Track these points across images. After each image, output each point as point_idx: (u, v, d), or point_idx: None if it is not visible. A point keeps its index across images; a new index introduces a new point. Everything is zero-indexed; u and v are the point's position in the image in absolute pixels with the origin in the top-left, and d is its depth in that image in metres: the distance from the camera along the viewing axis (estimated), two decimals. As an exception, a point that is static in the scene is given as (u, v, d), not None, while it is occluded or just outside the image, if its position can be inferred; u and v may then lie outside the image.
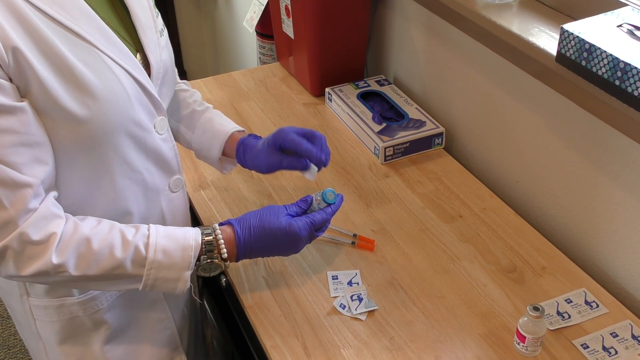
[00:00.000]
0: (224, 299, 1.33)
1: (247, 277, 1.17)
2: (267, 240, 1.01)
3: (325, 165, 1.12)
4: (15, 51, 0.80)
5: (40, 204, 0.87)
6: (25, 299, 1.05)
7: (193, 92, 1.26)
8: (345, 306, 1.11)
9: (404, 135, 1.44)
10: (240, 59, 2.77)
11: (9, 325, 2.31)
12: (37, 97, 0.84)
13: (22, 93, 0.84)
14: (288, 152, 1.14)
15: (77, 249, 0.89)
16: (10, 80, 0.82)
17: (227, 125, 1.21)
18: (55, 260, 0.87)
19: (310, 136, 1.13)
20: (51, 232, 0.87)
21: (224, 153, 1.21)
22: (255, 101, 1.68)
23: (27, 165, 0.84)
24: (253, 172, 1.42)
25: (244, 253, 1.01)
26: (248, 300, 1.13)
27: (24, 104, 0.83)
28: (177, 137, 1.23)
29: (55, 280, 0.91)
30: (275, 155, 1.13)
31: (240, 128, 1.22)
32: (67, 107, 0.85)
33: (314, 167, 1.13)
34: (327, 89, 1.63)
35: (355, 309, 1.10)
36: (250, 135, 1.21)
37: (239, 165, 1.23)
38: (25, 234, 0.85)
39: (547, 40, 1.12)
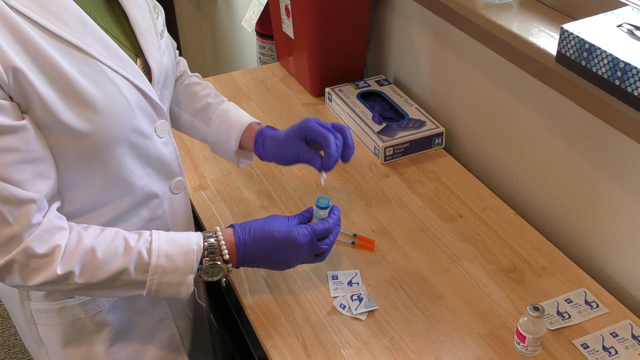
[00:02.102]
0: (224, 299, 1.33)
1: (247, 277, 1.17)
2: (265, 243, 1.00)
3: (345, 160, 1.09)
4: (15, 71, 0.80)
5: (43, 217, 0.88)
6: (27, 304, 1.05)
7: (206, 84, 1.24)
8: (345, 306, 1.11)
9: (404, 135, 1.44)
10: (240, 59, 2.77)
11: (9, 325, 2.31)
12: (39, 113, 0.84)
13: (23, 109, 0.84)
14: (312, 145, 1.10)
15: (82, 259, 0.90)
16: (11, 98, 0.82)
17: (244, 117, 1.19)
18: (60, 271, 0.89)
19: (337, 130, 1.09)
20: (55, 245, 0.88)
21: (240, 145, 1.18)
22: (255, 101, 1.68)
23: (30, 181, 0.85)
24: (253, 172, 1.42)
25: (243, 255, 1.01)
26: (248, 300, 1.13)
27: (25, 122, 0.83)
28: (192, 131, 1.22)
29: (60, 289, 0.93)
30: (301, 146, 1.09)
31: (256, 120, 1.20)
32: (69, 122, 0.86)
33: (324, 173, 1.09)
34: (327, 89, 1.63)
35: (355, 309, 1.10)
36: (267, 126, 1.18)
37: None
38: (30, 248, 0.87)
39: (547, 40, 1.12)
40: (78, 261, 0.90)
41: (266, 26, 1.91)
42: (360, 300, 1.11)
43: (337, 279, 1.16)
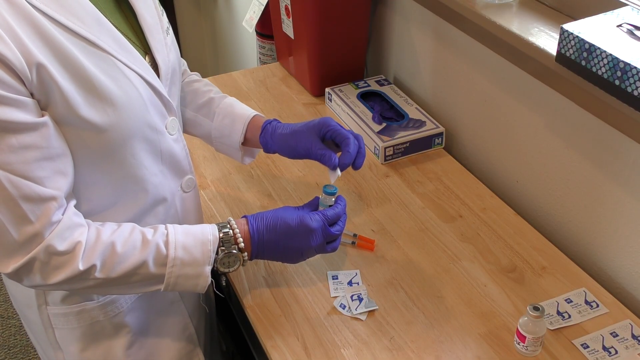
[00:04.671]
0: (224, 298, 1.33)
1: (247, 277, 1.17)
2: (279, 230, 1.01)
3: (356, 168, 1.10)
4: (39, 67, 0.81)
5: (63, 215, 0.88)
6: (44, 309, 1.05)
7: (206, 81, 1.25)
8: (345, 306, 1.11)
9: (404, 135, 1.44)
10: (240, 59, 2.77)
11: (9, 325, 2.31)
12: (59, 109, 0.85)
13: (43, 106, 0.84)
14: (326, 143, 1.12)
15: (103, 254, 0.91)
16: (32, 95, 0.83)
17: (249, 110, 1.20)
18: (82, 267, 0.89)
19: (354, 136, 1.11)
20: (76, 241, 0.89)
21: (245, 137, 1.18)
22: (255, 101, 1.68)
23: (50, 178, 0.86)
24: (253, 172, 1.42)
25: (257, 244, 1.01)
26: (248, 300, 1.13)
27: (46, 119, 0.84)
28: (195, 128, 1.22)
29: (79, 286, 0.93)
30: (316, 141, 1.10)
31: (261, 114, 1.21)
32: (88, 117, 0.87)
33: (338, 171, 1.10)
34: (327, 89, 1.63)
35: (356, 309, 1.10)
36: (274, 119, 1.19)
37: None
38: (52, 245, 0.87)
39: (547, 40, 1.12)
40: (99, 256, 0.90)
41: (266, 26, 1.91)
42: (360, 300, 1.11)
43: (337, 278, 1.16)
